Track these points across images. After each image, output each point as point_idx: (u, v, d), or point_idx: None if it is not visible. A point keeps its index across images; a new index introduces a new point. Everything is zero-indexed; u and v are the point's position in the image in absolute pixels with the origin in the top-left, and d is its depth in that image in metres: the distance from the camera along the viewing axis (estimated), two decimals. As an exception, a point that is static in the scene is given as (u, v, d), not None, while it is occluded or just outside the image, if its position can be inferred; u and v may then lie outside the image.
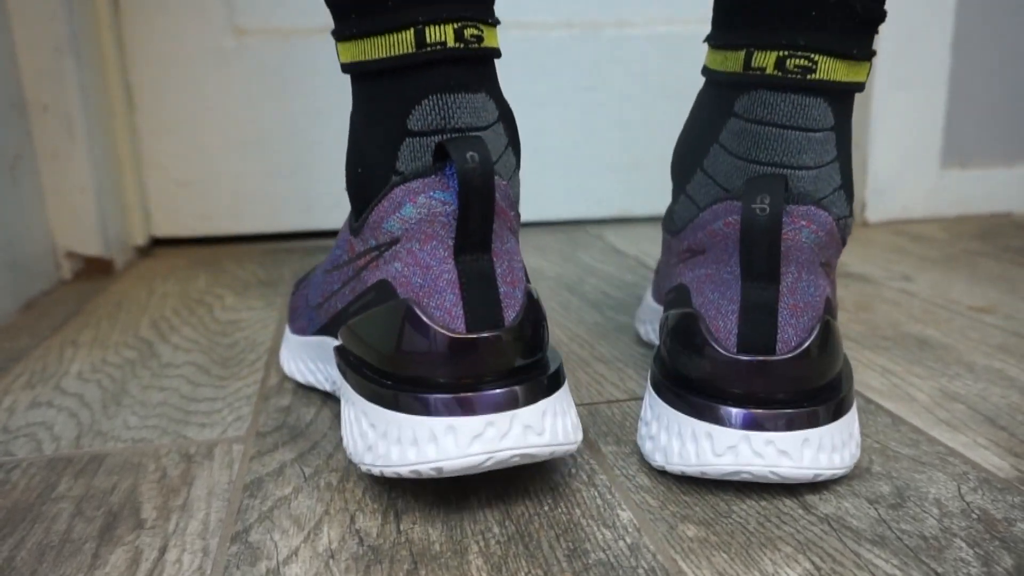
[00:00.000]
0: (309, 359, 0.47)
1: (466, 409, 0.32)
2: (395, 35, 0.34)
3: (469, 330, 0.33)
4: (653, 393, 0.38)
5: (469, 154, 0.33)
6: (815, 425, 0.34)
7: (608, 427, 0.43)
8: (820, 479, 0.35)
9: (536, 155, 0.93)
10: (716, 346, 0.35)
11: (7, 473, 0.40)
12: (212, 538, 0.34)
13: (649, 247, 0.84)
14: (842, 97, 0.37)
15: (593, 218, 0.97)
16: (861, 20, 0.35)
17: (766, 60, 0.36)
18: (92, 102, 0.78)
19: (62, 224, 0.77)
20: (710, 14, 0.40)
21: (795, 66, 0.36)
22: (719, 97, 0.39)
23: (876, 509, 0.34)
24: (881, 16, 0.36)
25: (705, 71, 0.41)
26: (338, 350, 0.39)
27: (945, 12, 0.90)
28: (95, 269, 0.79)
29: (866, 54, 0.36)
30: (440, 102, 0.34)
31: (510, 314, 0.34)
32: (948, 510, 0.34)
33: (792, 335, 0.35)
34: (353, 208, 0.37)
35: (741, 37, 0.37)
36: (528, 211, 0.95)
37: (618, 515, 0.34)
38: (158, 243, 0.92)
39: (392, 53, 0.34)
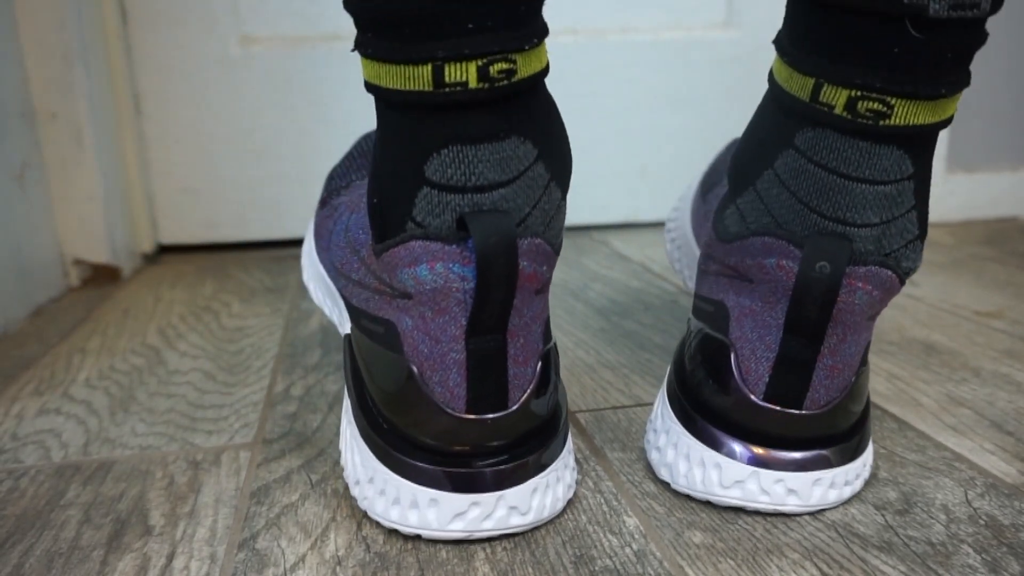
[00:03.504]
0: (324, 291, 0.45)
1: (454, 485, 0.32)
2: (411, 68, 0.30)
3: (469, 411, 0.32)
4: (667, 404, 0.38)
5: (493, 239, 0.30)
6: (831, 467, 0.34)
7: (614, 433, 0.43)
8: (824, 509, 0.35)
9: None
10: (744, 387, 0.34)
11: (16, 480, 0.40)
12: (219, 545, 0.34)
13: (654, 253, 0.84)
14: (923, 140, 0.32)
15: (598, 224, 0.97)
16: (954, 55, 0.30)
17: (836, 97, 0.32)
18: (100, 111, 0.78)
19: (70, 232, 0.78)
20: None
21: (867, 110, 0.31)
22: (780, 119, 0.35)
23: (883, 515, 0.34)
24: (981, 40, 0.30)
25: (771, 78, 0.36)
26: (347, 341, 0.38)
27: (950, 17, 0.90)
28: (103, 276, 0.80)
29: (959, 87, 0.31)
30: (461, 155, 0.31)
31: (516, 395, 0.32)
32: (955, 516, 0.34)
33: (823, 395, 0.34)
34: (371, 225, 0.34)
35: (811, 63, 0.32)
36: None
37: (624, 521, 0.35)
38: (165, 250, 0.92)
39: (408, 87, 0.30)
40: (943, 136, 0.93)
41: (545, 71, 0.32)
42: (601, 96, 0.93)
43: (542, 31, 0.31)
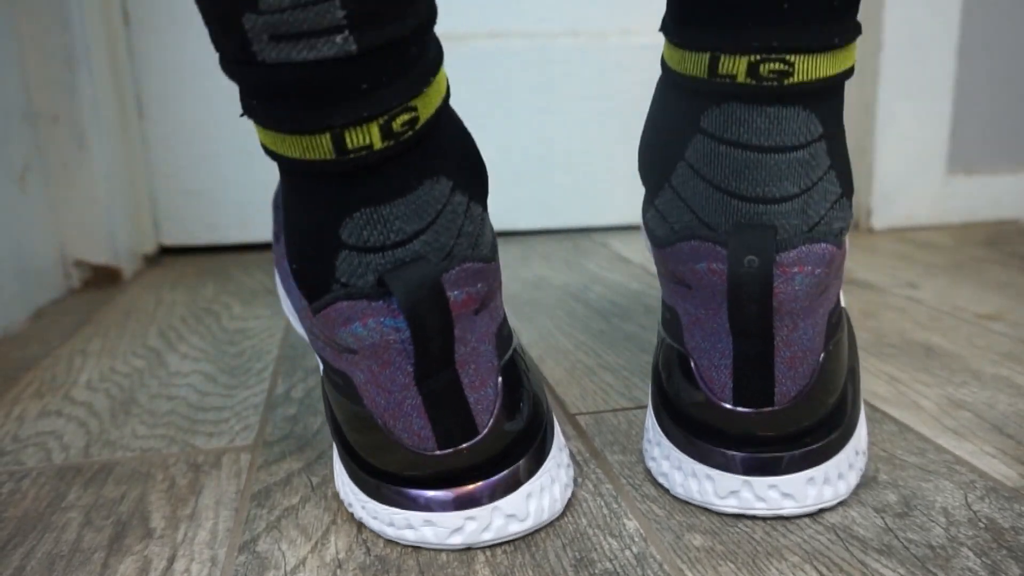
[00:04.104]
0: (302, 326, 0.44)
1: (445, 506, 0.32)
2: (308, 138, 0.28)
3: (441, 447, 0.32)
4: (654, 418, 0.38)
5: (416, 293, 0.29)
6: (820, 462, 0.34)
7: (614, 436, 0.43)
8: (824, 510, 0.35)
9: (541, 163, 0.93)
10: (711, 396, 0.34)
11: (17, 482, 0.40)
12: (220, 548, 0.34)
13: (655, 255, 0.84)
14: (829, 93, 0.32)
15: (598, 226, 0.97)
16: (840, 2, 0.30)
17: (736, 67, 0.31)
18: (102, 112, 0.79)
19: (71, 233, 0.78)
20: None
21: (770, 71, 0.31)
22: (682, 105, 0.34)
23: (883, 518, 0.34)
24: None
25: (663, 65, 0.35)
26: (323, 383, 0.37)
27: (950, 19, 0.90)
28: (104, 278, 0.80)
29: (851, 36, 0.31)
30: (375, 216, 0.30)
31: (484, 419, 0.32)
32: (955, 519, 0.34)
33: (790, 387, 0.33)
34: (298, 288, 0.33)
35: (704, 38, 0.32)
36: (533, 219, 0.95)
37: (624, 524, 0.35)
38: (166, 252, 0.92)
39: (308, 157, 0.29)
40: (943, 138, 0.93)
41: (446, 98, 0.31)
42: (601, 98, 0.93)
43: (436, 61, 0.30)
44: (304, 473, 0.40)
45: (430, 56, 0.30)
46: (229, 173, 0.90)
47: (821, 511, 0.35)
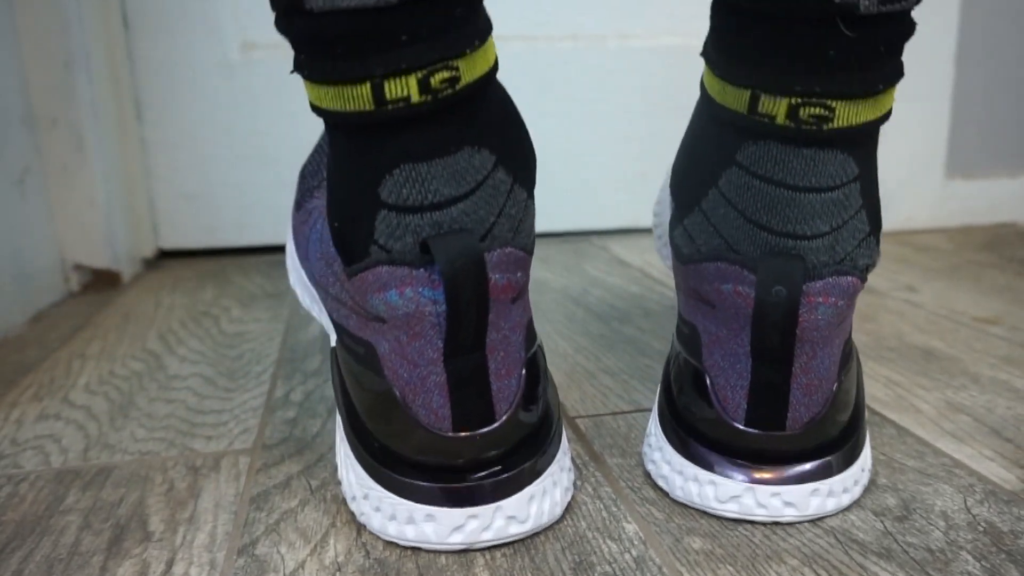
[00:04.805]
0: (310, 297, 0.43)
1: (449, 501, 0.32)
2: (350, 88, 0.29)
3: (456, 430, 0.32)
4: (659, 424, 0.38)
5: (458, 262, 0.29)
6: (826, 477, 0.34)
7: (613, 439, 0.43)
8: (824, 517, 0.35)
9: (540, 167, 0.93)
10: (724, 415, 0.34)
11: (15, 486, 0.40)
12: (219, 551, 0.34)
13: (654, 258, 0.84)
14: (866, 137, 0.32)
15: (598, 229, 0.97)
16: (886, 48, 0.30)
17: (776, 108, 0.31)
18: (101, 116, 0.79)
19: (70, 237, 0.78)
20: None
21: (810, 116, 0.31)
22: (719, 134, 0.34)
23: (882, 522, 0.34)
24: (910, 31, 0.30)
25: (703, 91, 0.36)
26: (334, 355, 0.37)
27: (949, 25, 0.90)
28: (103, 281, 0.80)
29: (894, 80, 0.31)
30: (413, 173, 0.30)
31: (503, 408, 0.32)
32: (954, 523, 0.34)
33: (804, 413, 0.33)
34: (336, 249, 0.33)
35: (745, 74, 0.32)
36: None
37: (624, 528, 0.35)
38: (165, 255, 0.92)
39: (349, 108, 0.29)
40: (942, 141, 0.94)
41: (494, 69, 0.31)
42: (601, 102, 0.93)
43: (485, 29, 0.30)
44: (303, 476, 0.40)
45: (478, 23, 0.30)
46: (228, 176, 0.90)
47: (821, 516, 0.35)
